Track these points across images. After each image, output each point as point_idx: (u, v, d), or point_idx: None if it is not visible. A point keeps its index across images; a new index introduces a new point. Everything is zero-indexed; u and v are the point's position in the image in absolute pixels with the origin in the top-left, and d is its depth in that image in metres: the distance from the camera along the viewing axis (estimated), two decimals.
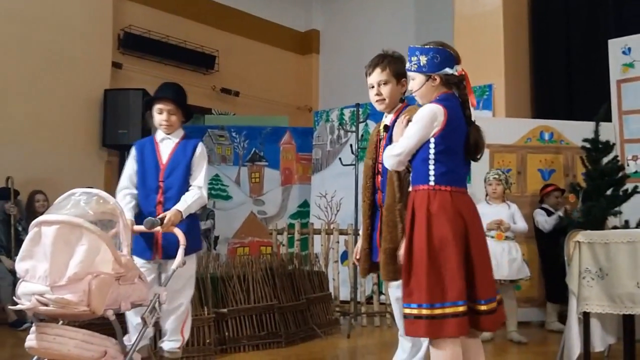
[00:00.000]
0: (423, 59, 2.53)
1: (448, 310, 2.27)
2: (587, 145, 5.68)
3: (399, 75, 2.92)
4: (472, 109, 2.50)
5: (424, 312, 2.28)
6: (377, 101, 2.97)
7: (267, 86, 9.42)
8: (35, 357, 2.35)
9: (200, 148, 3.52)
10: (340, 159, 7.48)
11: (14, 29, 6.59)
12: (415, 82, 2.56)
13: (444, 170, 2.41)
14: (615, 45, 6.18)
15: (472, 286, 2.34)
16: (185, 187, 3.44)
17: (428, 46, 2.53)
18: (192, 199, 3.37)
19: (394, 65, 2.92)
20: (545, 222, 5.59)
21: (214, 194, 7.85)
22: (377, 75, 2.94)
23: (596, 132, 5.68)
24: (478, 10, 7.00)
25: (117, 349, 2.38)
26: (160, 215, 3.20)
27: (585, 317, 3.54)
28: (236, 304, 4.48)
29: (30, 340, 2.25)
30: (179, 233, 3.01)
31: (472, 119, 2.50)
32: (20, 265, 2.27)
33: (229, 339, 4.38)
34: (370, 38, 8.66)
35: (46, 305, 2.19)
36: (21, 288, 2.27)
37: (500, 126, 6.29)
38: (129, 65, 7.87)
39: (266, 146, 8.15)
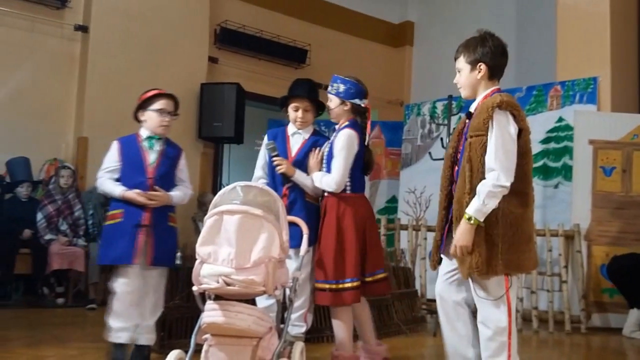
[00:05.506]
0: (341, 87, 3.45)
1: (347, 285, 3.23)
2: None
3: (474, 62, 2.73)
4: (367, 135, 3.45)
5: (331, 286, 3.23)
6: (459, 88, 2.89)
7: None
8: (207, 335, 2.52)
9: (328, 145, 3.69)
10: (430, 153, 7.31)
11: (117, 24, 6.93)
12: (332, 102, 3.48)
13: (349, 182, 3.37)
14: None
15: (363, 264, 3.31)
16: None
17: (348, 79, 3.45)
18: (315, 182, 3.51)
19: (467, 52, 2.76)
20: None
21: None
22: (457, 63, 2.84)
23: None
24: None
25: (275, 325, 2.64)
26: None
27: None
28: None
29: (214, 317, 2.45)
30: (301, 222, 3.17)
31: (366, 143, 3.45)
32: (202, 249, 2.47)
33: (312, 329, 4.39)
34: (468, 28, 8.32)
35: (231, 285, 2.41)
36: (206, 270, 2.45)
37: (605, 121, 5.93)
38: (224, 60, 8.07)
39: None
